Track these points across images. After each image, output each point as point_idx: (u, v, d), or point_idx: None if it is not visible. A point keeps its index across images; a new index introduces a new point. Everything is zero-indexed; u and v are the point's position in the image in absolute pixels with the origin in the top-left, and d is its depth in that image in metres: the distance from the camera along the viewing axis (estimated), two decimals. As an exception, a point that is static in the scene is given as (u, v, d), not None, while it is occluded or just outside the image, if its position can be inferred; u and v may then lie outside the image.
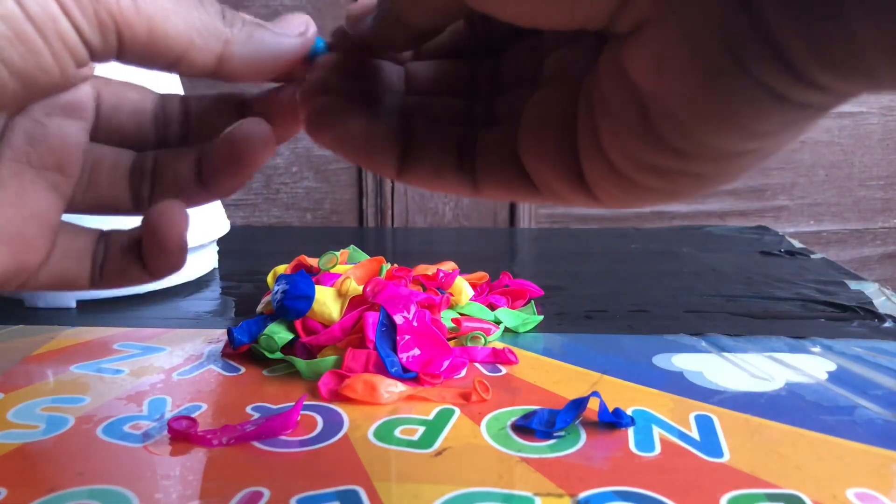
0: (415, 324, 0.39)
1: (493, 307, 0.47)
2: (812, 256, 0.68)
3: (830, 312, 0.51)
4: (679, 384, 0.38)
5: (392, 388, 0.35)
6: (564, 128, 0.19)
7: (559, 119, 0.19)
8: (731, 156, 0.17)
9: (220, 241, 0.62)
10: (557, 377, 0.39)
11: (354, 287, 0.41)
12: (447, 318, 0.43)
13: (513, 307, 0.49)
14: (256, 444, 0.31)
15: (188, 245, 0.22)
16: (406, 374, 0.37)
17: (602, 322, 0.49)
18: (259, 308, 0.46)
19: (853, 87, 0.14)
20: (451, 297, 0.45)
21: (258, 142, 0.22)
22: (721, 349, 0.43)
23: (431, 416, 0.34)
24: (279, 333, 0.40)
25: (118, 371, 0.39)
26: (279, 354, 0.40)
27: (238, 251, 0.67)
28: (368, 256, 0.49)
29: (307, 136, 0.22)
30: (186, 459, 0.30)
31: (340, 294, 0.41)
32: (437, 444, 0.31)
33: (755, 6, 0.14)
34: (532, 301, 0.51)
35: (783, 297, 0.54)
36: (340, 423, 0.33)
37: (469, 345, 0.41)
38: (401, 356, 0.38)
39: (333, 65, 0.22)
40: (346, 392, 0.35)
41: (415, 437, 0.32)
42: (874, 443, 0.32)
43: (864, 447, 0.31)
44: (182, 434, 0.31)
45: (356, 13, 0.21)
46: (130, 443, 0.32)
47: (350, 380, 0.36)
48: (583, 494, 0.28)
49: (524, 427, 0.33)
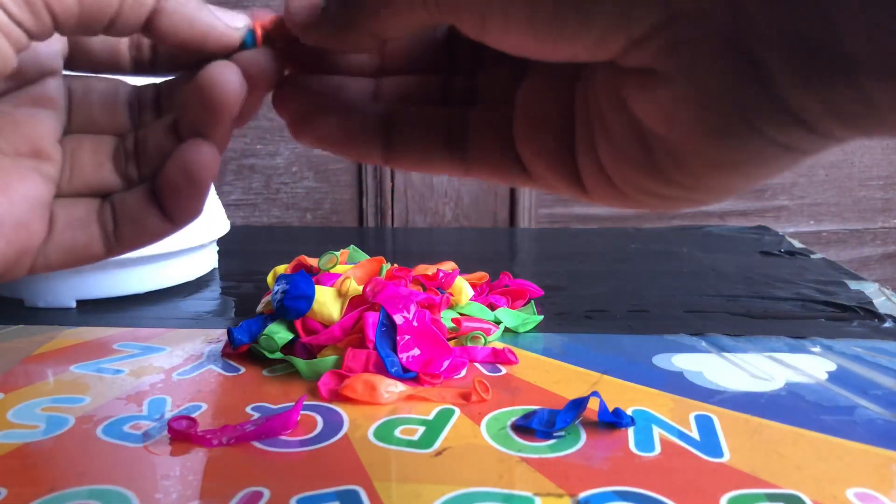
0: (415, 324, 0.39)
1: (493, 307, 0.47)
2: (812, 256, 0.68)
3: (830, 312, 0.51)
4: (679, 384, 0.38)
5: (392, 388, 0.35)
6: (563, 126, 0.19)
7: (557, 117, 0.19)
8: (732, 189, 0.17)
9: (220, 241, 0.62)
10: (557, 377, 0.39)
11: (354, 287, 0.41)
12: (447, 318, 0.43)
13: (513, 307, 0.49)
14: (256, 444, 0.31)
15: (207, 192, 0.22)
16: (406, 374, 0.37)
17: (602, 322, 0.49)
18: (259, 308, 0.46)
19: (868, 135, 0.15)
20: (451, 297, 0.45)
21: (200, 166, 0.21)
22: (721, 349, 0.43)
23: (431, 416, 0.34)
24: (279, 333, 0.40)
25: (118, 371, 0.39)
26: (279, 354, 0.40)
27: (238, 251, 0.67)
28: (368, 256, 0.49)
29: None
30: (186, 459, 0.30)
31: (340, 294, 0.41)
32: (437, 444, 0.31)
33: (768, 73, 0.14)
34: (532, 301, 0.51)
35: (783, 297, 0.54)
36: (340, 423, 0.33)
37: (469, 345, 0.41)
38: (401, 356, 0.38)
39: (298, 61, 0.22)
40: (346, 392, 0.35)
41: (415, 437, 0.32)
42: (874, 443, 0.32)
43: (864, 447, 0.31)
44: (182, 434, 0.31)
45: (302, 17, 0.20)
46: (130, 443, 0.31)
47: (350, 380, 0.36)
48: (583, 494, 0.28)
49: (524, 427, 0.33)
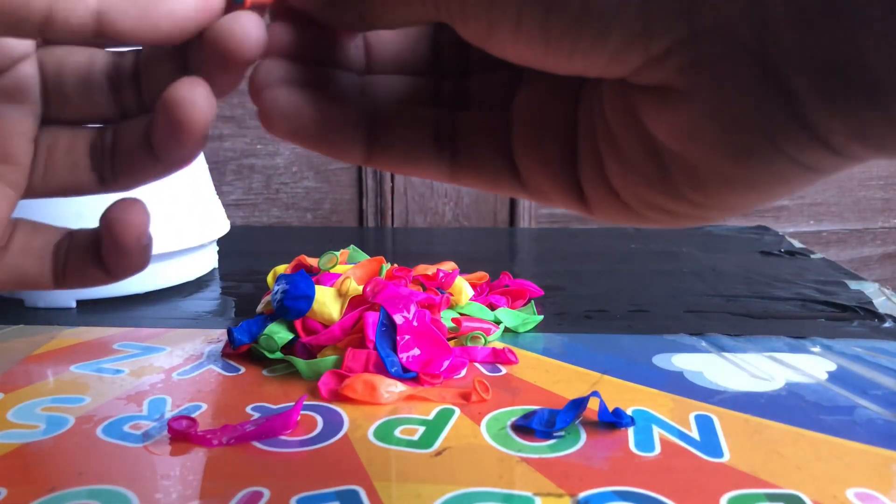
0: (415, 324, 0.39)
1: (493, 307, 0.47)
2: (812, 256, 0.68)
3: (830, 312, 0.51)
4: (679, 384, 0.38)
5: (392, 388, 0.35)
6: (566, 136, 0.18)
7: (560, 126, 0.19)
8: (745, 207, 0.17)
9: (220, 241, 0.62)
10: (557, 377, 0.39)
11: (354, 287, 0.41)
12: (447, 318, 0.43)
13: (513, 307, 0.49)
14: (256, 444, 0.31)
15: (151, 244, 0.21)
16: (406, 374, 0.37)
17: (602, 322, 0.49)
18: (259, 308, 0.46)
19: (891, 155, 0.15)
20: (451, 297, 0.45)
21: (193, 105, 0.19)
22: (721, 349, 0.43)
23: (431, 416, 0.34)
24: (279, 333, 0.40)
25: (118, 371, 0.39)
26: (279, 354, 0.40)
27: (238, 251, 0.67)
28: (368, 256, 0.49)
29: None
30: (186, 459, 0.30)
31: (340, 294, 0.41)
32: (437, 444, 0.31)
33: (793, 93, 0.14)
34: (532, 301, 0.51)
35: (783, 297, 0.54)
36: (340, 423, 0.33)
37: (469, 345, 0.41)
38: (401, 356, 0.38)
39: (281, 44, 0.20)
40: (346, 392, 0.35)
41: (415, 437, 0.32)
42: (874, 443, 0.32)
43: (864, 447, 0.31)
44: (182, 434, 0.31)
45: None
46: (130, 443, 0.32)
47: (350, 380, 0.36)
48: (583, 494, 0.28)
49: (524, 427, 0.33)
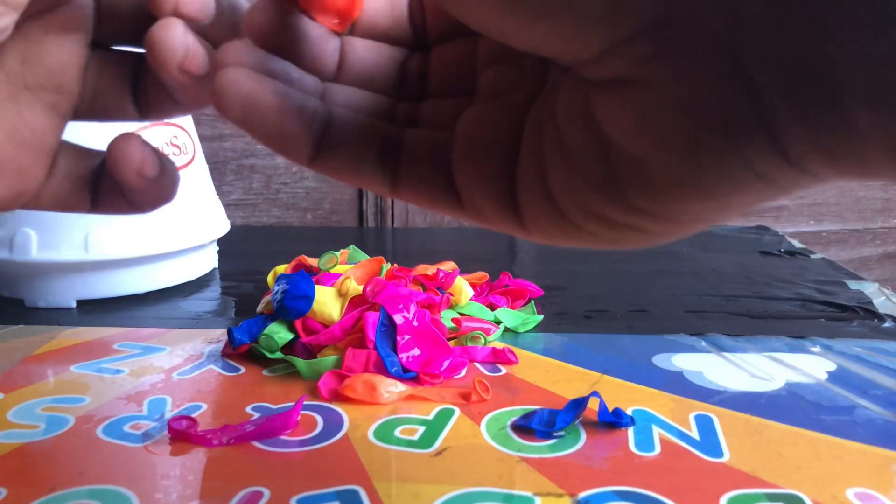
0: (415, 324, 0.39)
1: (493, 307, 0.47)
2: (812, 256, 0.68)
3: (830, 312, 0.51)
4: (679, 384, 0.38)
5: (392, 388, 0.35)
6: (505, 152, 0.18)
7: (500, 141, 0.18)
8: (690, 220, 0.16)
9: (220, 241, 0.62)
10: (557, 377, 0.39)
11: (354, 287, 0.41)
12: (447, 318, 0.43)
13: (513, 307, 0.49)
14: (256, 444, 0.31)
15: (168, 173, 0.21)
16: (406, 374, 0.37)
17: (602, 322, 0.49)
18: (259, 308, 0.46)
19: (845, 176, 0.14)
20: (451, 297, 0.45)
21: (163, 45, 0.20)
22: (721, 349, 0.43)
23: (431, 416, 0.34)
24: (279, 333, 0.40)
25: (118, 371, 0.39)
26: (279, 354, 0.40)
27: (238, 251, 0.67)
28: (368, 256, 0.49)
29: None
30: (186, 459, 0.30)
31: (340, 294, 0.41)
32: (437, 444, 0.31)
33: (759, 90, 0.13)
34: (532, 301, 0.51)
35: (783, 297, 0.54)
36: (340, 423, 0.33)
37: (469, 345, 0.41)
38: (401, 356, 0.38)
39: (259, 27, 0.20)
40: (346, 392, 0.35)
41: (415, 437, 0.32)
42: (874, 443, 0.32)
43: (864, 447, 0.31)
44: (182, 434, 0.31)
45: None
46: (130, 443, 0.32)
47: (350, 380, 0.36)
48: (583, 494, 0.28)
49: (524, 427, 0.33)
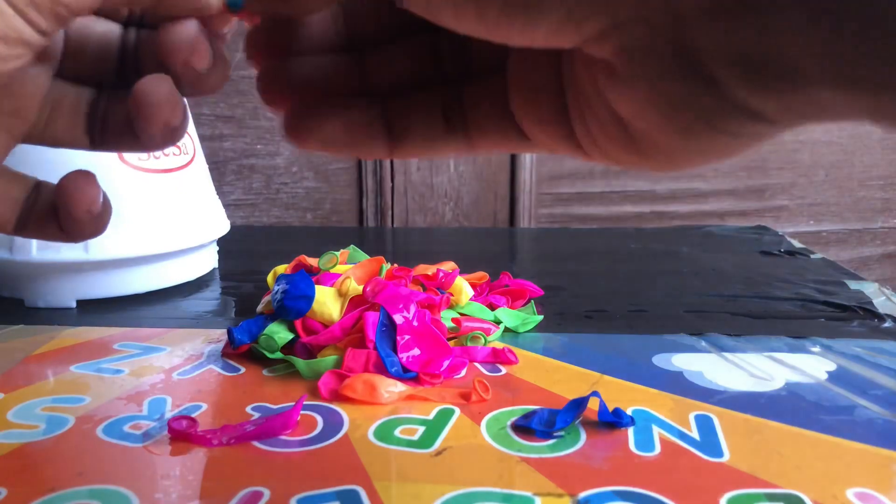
0: (415, 324, 0.39)
1: (493, 307, 0.47)
2: (812, 256, 0.68)
3: (830, 312, 0.51)
4: (679, 384, 0.38)
5: (392, 388, 0.35)
6: (555, 94, 0.19)
7: (548, 85, 0.19)
8: (707, 161, 0.17)
9: (220, 241, 0.62)
10: (557, 377, 0.39)
11: (354, 287, 0.41)
12: (447, 318, 0.43)
13: (513, 307, 0.49)
14: (256, 444, 0.31)
15: (107, 211, 0.22)
16: (406, 374, 0.37)
17: (602, 322, 0.49)
18: (259, 308, 0.46)
19: (828, 120, 0.15)
20: (451, 297, 0.45)
21: (159, 100, 0.21)
22: (721, 349, 0.43)
23: (431, 416, 0.34)
24: (279, 333, 0.40)
25: (118, 371, 0.39)
26: (279, 354, 0.40)
27: (238, 251, 0.67)
28: (368, 256, 0.49)
29: None
30: (186, 459, 0.30)
31: (340, 294, 0.41)
32: (437, 444, 0.31)
33: (719, 81, 0.14)
34: (532, 301, 0.51)
35: (783, 297, 0.54)
36: (340, 423, 0.33)
37: (469, 345, 0.41)
38: (401, 356, 0.38)
39: (265, 43, 0.21)
40: (346, 392, 0.35)
41: (415, 437, 0.32)
42: (874, 443, 0.32)
43: (864, 447, 0.31)
44: (182, 434, 0.31)
45: None
46: (130, 443, 0.31)
47: (350, 380, 0.36)
48: (583, 494, 0.28)
49: (524, 427, 0.33)
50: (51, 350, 0.43)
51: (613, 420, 0.33)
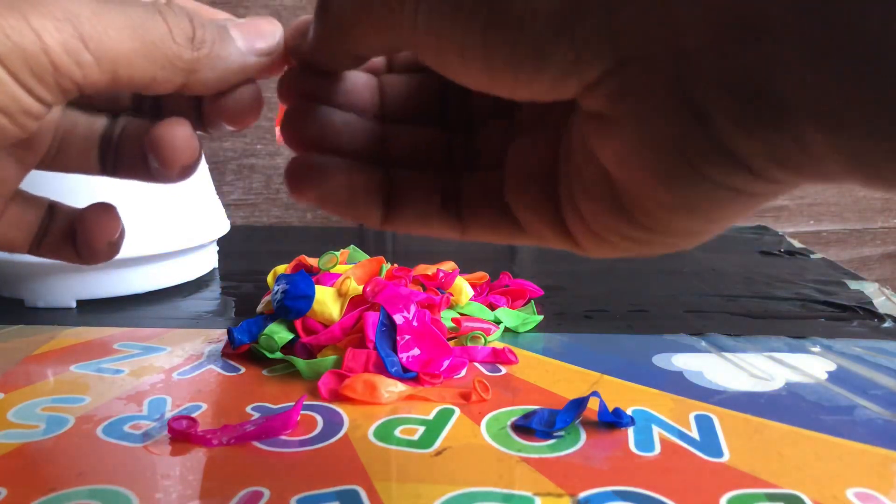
0: (415, 324, 0.39)
1: (493, 307, 0.47)
2: (812, 256, 0.68)
3: (830, 312, 0.51)
4: (679, 384, 0.38)
5: (392, 388, 0.35)
6: (548, 179, 0.19)
7: (542, 170, 0.20)
8: (699, 232, 0.17)
9: (220, 241, 0.62)
10: (557, 377, 0.39)
11: (354, 287, 0.41)
12: (447, 318, 0.43)
13: (513, 307, 0.49)
14: (256, 444, 0.31)
15: (123, 238, 0.23)
16: (406, 374, 0.37)
17: (602, 322, 0.49)
18: (259, 308, 0.46)
19: (808, 179, 0.15)
20: (451, 297, 0.45)
21: (176, 144, 0.21)
22: (721, 349, 0.43)
23: (431, 416, 0.34)
24: (279, 333, 0.40)
25: (118, 371, 0.39)
26: (279, 354, 0.40)
27: (238, 251, 0.67)
28: (368, 256, 0.49)
29: None
30: (186, 459, 0.30)
31: (340, 294, 0.41)
32: (437, 444, 0.31)
33: (708, 117, 0.14)
34: (532, 301, 0.51)
35: (783, 297, 0.54)
36: (340, 423, 0.33)
37: (469, 345, 0.41)
38: (401, 356, 0.38)
39: (301, 90, 0.21)
40: (346, 392, 0.35)
41: (415, 437, 0.32)
42: (874, 443, 0.32)
43: (864, 447, 0.31)
44: (182, 434, 0.31)
45: (293, 33, 0.21)
46: (130, 443, 0.32)
47: (350, 380, 0.36)
48: (583, 494, 0.28)
49: (524, 427, 0.33)
50: (51, 350, 0.43)
51: (613, 420, 0.33)
